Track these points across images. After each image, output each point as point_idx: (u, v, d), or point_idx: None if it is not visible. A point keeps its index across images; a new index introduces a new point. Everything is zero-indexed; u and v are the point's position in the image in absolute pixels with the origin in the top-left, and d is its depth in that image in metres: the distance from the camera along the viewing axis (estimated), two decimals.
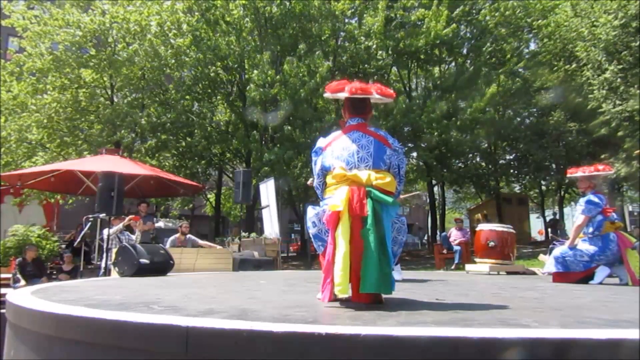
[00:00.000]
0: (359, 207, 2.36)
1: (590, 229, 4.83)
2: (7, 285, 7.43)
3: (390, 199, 2.45)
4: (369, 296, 2.37)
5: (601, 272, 4.71)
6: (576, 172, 5.02)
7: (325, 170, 2.66)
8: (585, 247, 4.80)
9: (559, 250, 4.99)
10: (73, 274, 8.17)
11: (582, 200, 4.91)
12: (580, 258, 4.78)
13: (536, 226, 28.03)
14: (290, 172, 13.60)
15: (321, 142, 2.76)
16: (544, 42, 16.93)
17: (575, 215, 5.17)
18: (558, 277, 4.88)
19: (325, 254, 2.56)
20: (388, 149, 2.60)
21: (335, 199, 2.44)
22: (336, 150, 2.61)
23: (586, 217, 4.79)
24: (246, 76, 15.57)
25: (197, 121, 15.51)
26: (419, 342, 1.44)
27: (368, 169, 2.52)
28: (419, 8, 16.11)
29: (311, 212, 2.67)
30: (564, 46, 15.27)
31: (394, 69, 18.20)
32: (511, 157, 21.20)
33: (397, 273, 5.09)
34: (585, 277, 4.78)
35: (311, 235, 2.68)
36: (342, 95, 2.70)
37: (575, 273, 4.78)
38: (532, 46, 18.95)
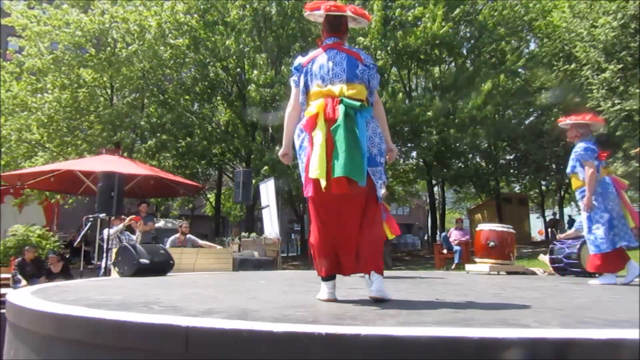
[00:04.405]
0: (332, 111, 2.54)
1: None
2: (7, 285, 7.43)
3: (359, 104, 2.60)
4: (341, 184, 2.42)
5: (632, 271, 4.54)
6: (566, 120, 4.92)
7: (307, 88, 2.78)
8: (594, 212, 4.58)
9: (589, 236, 4.66)
10: (65, 273, 8.14)
11: (577, 148, 4.72)
12: (600, 219, 4.52)
13: (536, 226, 28.04)
14: (290, 172, 13.60)
15: (300, 59, 2.84)
16: (543, 42, 16.93)
17: (569, 165, 4.83)
18: (611, 258, 4.50)
19: (313, 238, 2.66)
20: (360, 64, 2.72)
21: (311, 107, 2.64)
22: (314, 68, 2.74)
23: (591, 164, 4.58)
24: (246, 76, 15.58)
25: (197, 121, 15.50)
26: (419, 342, 1.44)
27: (342, 83, 2.65)
28: (417, 7, 16.12)
29: (297, 130, 2.77)
30: (563, 47, 15.28)
31: (394, 69, 18.21)
32: (511, 157, 21.21)
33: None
34: (585, 273, 4.67)
35: (297, 151, 2.76)
36: (319, 13, 2.83)
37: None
38: (532, 46, 18.97)
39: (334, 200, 2.55)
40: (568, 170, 4.87)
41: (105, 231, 7.22)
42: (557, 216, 22.88)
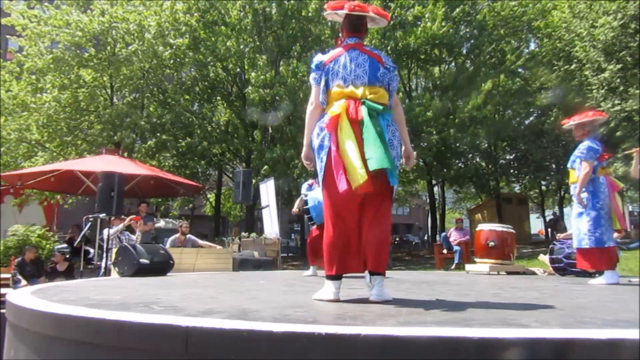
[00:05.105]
0: (355, 112, 2.54)
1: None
2: (7, 285, 7.43)
3: (381, 107, 2.61)
4: (366, 183, 2.39)
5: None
6: (569, 121, 4.96)
7: (327, 87, 2.75)
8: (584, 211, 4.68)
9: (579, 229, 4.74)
10: (69, 273, 8.12)
11: (581, 146, 4.77)
12: (587, 216, 4.62)
13: (536, 226, 28.04)
14: (290, 172, 13.60)
15: (321, 57, 2.81)
16: (543, 42, 16.94)
17: (570, 160, 4.91)
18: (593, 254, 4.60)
19: (327, 237, 2.62)
20: (382, 67, 2.72)
21: (334, 107, 2.62)
22: (336, 67, 2.72)
23: (590, 163, 4.65)
24: (246, 76, 15.58)
25: (197, 121, 15.50)
26: (419, 342, 1.44)
27: (363, 85, 2.65)
28: (417, 6, 16.13)
29: (316, 129, 2.74)
30: (563, 47, 15.29)
31: None
32: (511, 157, 21.21)
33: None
34: (585, 273, 4.69)
35: (315, 150, 2.72)
36: (342, 13, 2.81)
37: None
38: (532, 46, 18.98)
39: (354, 200, 2.53)
40: (568, 163, 4.97)
41: (105, 231, 7.22)
42: (557, 216, 22.86)
